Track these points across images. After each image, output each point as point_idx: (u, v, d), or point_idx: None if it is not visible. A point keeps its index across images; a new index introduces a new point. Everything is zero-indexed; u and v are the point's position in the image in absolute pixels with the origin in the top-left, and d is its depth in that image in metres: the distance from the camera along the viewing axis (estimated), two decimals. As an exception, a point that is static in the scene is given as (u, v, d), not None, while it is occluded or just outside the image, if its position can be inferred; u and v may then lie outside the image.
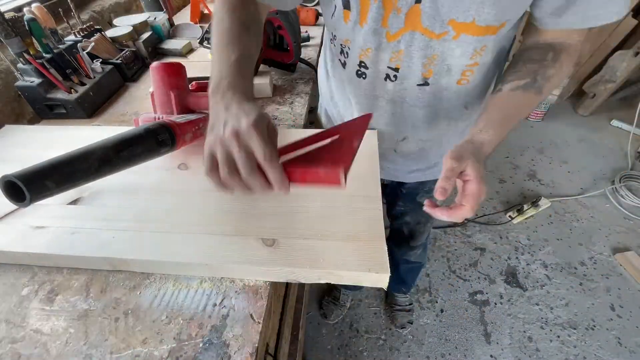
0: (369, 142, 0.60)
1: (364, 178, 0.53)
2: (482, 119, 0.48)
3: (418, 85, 0.56)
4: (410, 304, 1.38)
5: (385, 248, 0.43)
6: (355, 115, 0.68)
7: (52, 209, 0.50)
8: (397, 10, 0.48)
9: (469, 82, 0.56)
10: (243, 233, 0.45)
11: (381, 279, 0.41)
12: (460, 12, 0.45)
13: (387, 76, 0.57)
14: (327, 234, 0.45)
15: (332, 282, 0.42)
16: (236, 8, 0.48)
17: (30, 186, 0.34)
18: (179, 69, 0.60)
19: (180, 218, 0.48)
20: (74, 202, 0.51)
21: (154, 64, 0.58)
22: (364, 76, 0.60)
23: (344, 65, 0.62)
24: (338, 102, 0.72)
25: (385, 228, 0.46)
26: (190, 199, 0.51)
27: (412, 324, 1.34)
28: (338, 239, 0.44)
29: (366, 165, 0.55)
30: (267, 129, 0.35)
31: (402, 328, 1.34)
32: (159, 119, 0.55)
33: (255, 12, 0.51)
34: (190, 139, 0.56)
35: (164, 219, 0.48)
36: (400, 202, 0.91)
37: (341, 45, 0.59)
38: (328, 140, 0.40)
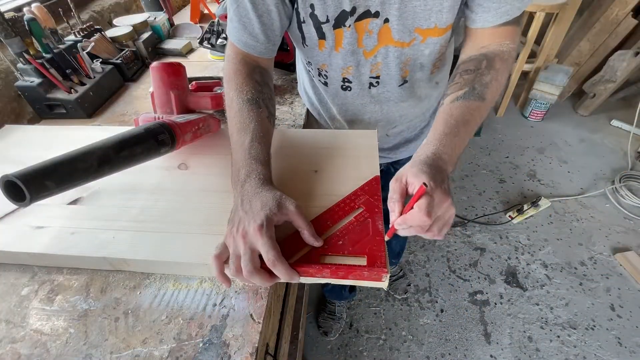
0: (368, 142, 0.60)
1: (364, 178, 0.53)
2: (428, 135, 0.48)
3: (399, 85, 0.62)
4: (401, 271, 1.50)
5: (385, 247, 0.43)
6: (340, 118, 0.73)
7: (52, 209, 0.50)
8: (369, 32, 0.53)
9: (438, 69, 0.63)
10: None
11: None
12: (423, 21, 0.51)
13: (371, 84, 0.63)
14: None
15: (332, 282, 0.42)
16: (242, 86, 0.51)
17: (30, 186, 0.34)
18: (179, 69, 0.60)
19: (180, 218, 0.48)
20: (74, 202, 0.51)
21: (154, 64, 0.58)
22: (349, 89, 0.64)
23: (325, 84, 0.66)
24: (323, 112, 0.76)
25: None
26: (190, 199, 0.51)
27: (410, 286, 1.44)
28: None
29: (366, 165, 0.55)
30: (272, 230, 0.37)
31: (405, 293, 1.43)
32: (159, 119, 0.55)
33: (261, 79, 0.54)
34: (190, 139, 0.56)
35: (163, 219, 0.48)
36: None
37: (318, 69, 0.62)
38: (352, 216, 0.45)
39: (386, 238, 0.42)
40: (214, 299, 0.42)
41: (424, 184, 0.36)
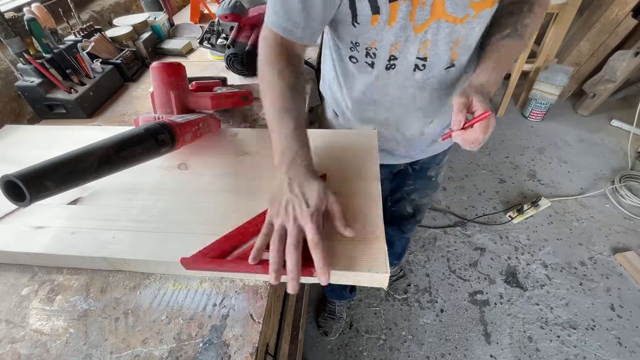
0: (368, 142, 0.60)
1: (365, 178, 0.53)
2: (479, 67, 0.56)
3: (446, 69, 0.61)
4: (401, 271, 1.49)
5: (386, 248, 0.43)
6: (371, 114, 0.71)
7: (52, 209, 0.50)
8: (423, 4, 0.51)
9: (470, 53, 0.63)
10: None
11: (381, 279, 0.41)
12: None
13: (416, 66, 0.60)
14: (328, 233, 0.45)
15: (332, 282, 0.42)
16: (283, 71, 0.51)
17: (30, 186, 0.34)
18: (179, 69, 0.60)
19: (180, 218, 0.48)
20: (74, 202, 0.51)
21: (154, 63, 0.58)
22: (393, 67, 0.61)
23: (371, 65, 0.63)
24: (357, 108, 0.73)
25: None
26: (190, 199, 0.51)
27: (410, 286, 1.45)
28: (338, 239, 0.44)
29: (366, 165, 0.55)
30: (321, 217, 0.41)
31: (405, 293, 1.43)
32: (159, 118, 0.55)
33: (298, 65, 0.55)
34: (190, 139, 0.56)
35: (163, 219, 0.48)
36: (410, 180, 0.94)
37: (366, 49, 0.60)
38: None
39: (440, 140, 0.55)
40: (214, 299, 0.42)
41: (491, 111, 0.46)
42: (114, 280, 0.44)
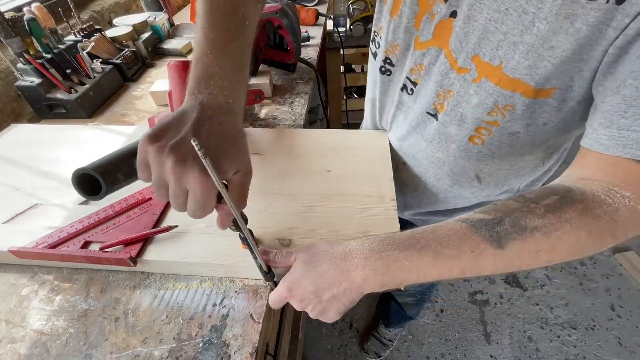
0: (379, 143, 0.59)
1: (377, 178, 0.53)
2: (382, 235, 0.35)
3: (427, 112, 0.49)
4: (390, 341, 1.28)
5: None
6: (375, 114, 0.62)
7: (63, 210, 0.50)
8: (431, 15, 0.40)
9: (484, 144, 0.45)
10: (259, 233, 0.45)
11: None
12: (487, 49, 0.36)
13: (405, 87, 0.50)
14: (342, 233, 0.45)
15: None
16: None
17: (105, 178, 0.33)
18: None
19: (180, 218, 0.48)
20: (85, 202, 0.51)
21: (172, 62, 0.58)
22: (388, 73, 0.52)
23: (374, 55, 0.54)
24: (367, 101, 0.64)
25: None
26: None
27: (379, 357, 1.26)
28: (354, 238, 0.44)
29: (378, 165, 0.55)
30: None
31: (366, 353, 1.27)
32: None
33: None
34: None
35: (173, 219, 0.48)
36: None
37: (374, 32, 0.53)
38: None
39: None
40: (214, 299, 0.42)
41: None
42: (114, 280, 0.44)
